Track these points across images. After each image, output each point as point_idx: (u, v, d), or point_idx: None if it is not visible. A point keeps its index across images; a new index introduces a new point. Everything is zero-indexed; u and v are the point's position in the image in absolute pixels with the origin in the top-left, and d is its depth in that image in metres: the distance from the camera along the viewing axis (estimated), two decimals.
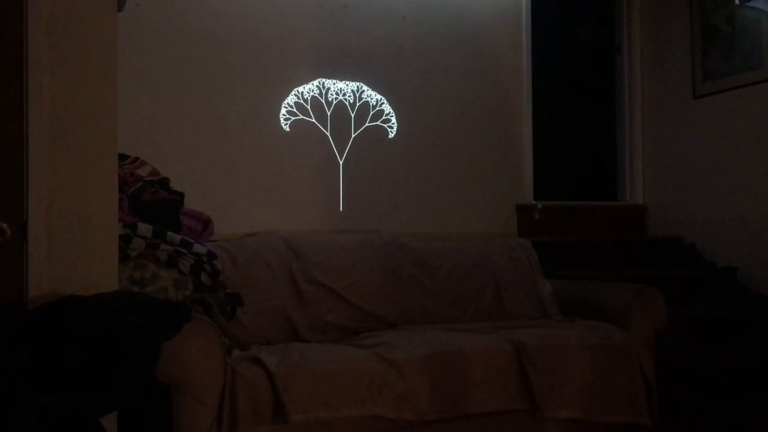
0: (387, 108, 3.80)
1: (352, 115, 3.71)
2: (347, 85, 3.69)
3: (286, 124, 3.59)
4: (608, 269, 3.80)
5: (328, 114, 3.67)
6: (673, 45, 4.37)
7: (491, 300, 3.39)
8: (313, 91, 3.64)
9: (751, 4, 3.90)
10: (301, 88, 3.61)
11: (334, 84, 3.67)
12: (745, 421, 3.06)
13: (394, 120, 3.82)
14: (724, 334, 3.64)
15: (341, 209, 3.68)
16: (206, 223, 2.79)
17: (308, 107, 3.63)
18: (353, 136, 3.71)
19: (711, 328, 3.62)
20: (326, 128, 3.67)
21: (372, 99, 3.75)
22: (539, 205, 4.14)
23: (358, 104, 3.72)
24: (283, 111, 3.58)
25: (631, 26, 4.60)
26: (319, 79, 3.64)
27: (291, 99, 3.60)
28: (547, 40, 4.41)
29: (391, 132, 3.82)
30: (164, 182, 2.63)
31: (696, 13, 4.20)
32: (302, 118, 3.62)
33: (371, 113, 3.76)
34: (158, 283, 2.30)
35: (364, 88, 3.73)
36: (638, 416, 2.79)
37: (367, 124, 3.75)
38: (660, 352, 3.00)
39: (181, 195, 2.67)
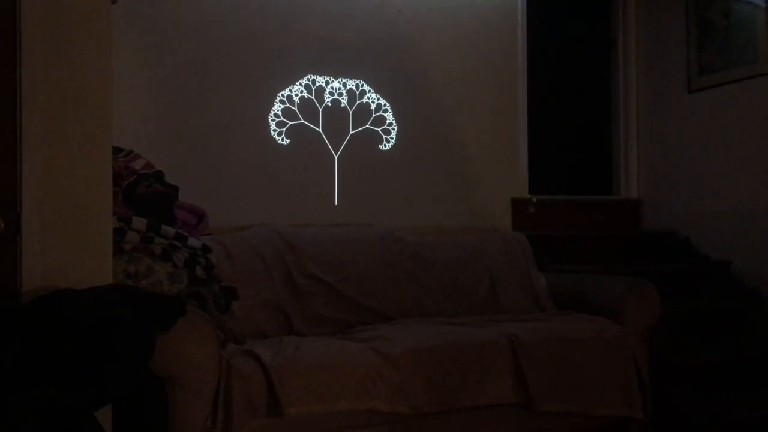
0: (382, 101, 3.79)
1: (350, 111, 3.70)
2: (343, 81, 3.68)
3: (281, 117, 3.58)
4: (603, 263, 3.81)
5: (321, 109, 3.66)
6: (668, 39, 4.37)
7: (486, 294, 3.40)
8: (309, 85, 3.63)
9: None
10: (296, 82, 3.61)
11: (329, 78, 3.66)
12: (738, 415, 3.07)
13: (389, 112, 3.81)
14: (717, 328, 3.66)
15: (336, 203, 3.68)
16: (201, 217, 2.79)
17: (304, 102, 3.62)
18: (349, 126, 3.71)
19: (705, 322, 3.64)
20: (322, 122, 3.66)
21: (366, 91, 3.74)
22: (534, 199, 4.15)
23: (349, 96, 3.71)
24: (278, 104, 3.57)
25: (627, 20, 4.60)
26: (315, 75, 3.63)
27: (285, 92, 3.59)
28: (543, 33, 4.40)
29: (386, 125, 3.82)
30: (159, 175, 2.62)
31: (691, 7, 4.20)
32: (297, 112, 3.61)
33: (365, 104, 3.75)
34: (153, 276, 2.30)
35: (358, 81, 3.72)
36: (631, 410, 2.80)
37: (360, 115, 3.74)
38: (653, 346, 3.02)
39: (176, 188, 2.66)
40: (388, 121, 3.82)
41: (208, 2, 3.44)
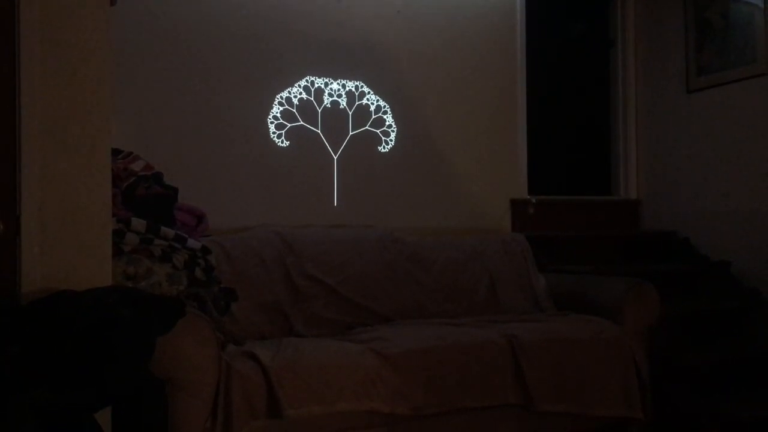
0: (381, 102, 3.79)
1: (350, 112, 3.70)
2: (342, 82, 3.69)
3: (280, 119, 3.58)
4: (602, 264, 3.80)
5: (320, 110, 3.66)
6: (667, 40, 4.38)
7: (485, 294, 3.40)
8: (308, 87, 3.63)
9: None
10: (295, 84, 3.61)
11: (328, 80, 3.67)
12: (738, 415, 3.07)
13: (389, 114, 3.81)
14: (717, 328, 3.66)
15: (336, 204, 3.68)
16: (200, 218, 2.78)
17: (303, 103, 3.62)
18: (349, 127, 3.71)
19: (704, 322, 3.64)
20: (321, 124, 3.66)
21: (366, 92, 3.74)
22: (533, 200, 4.15)
23: (348, 98, 3.72)
24: (276, 105, 3.57)
25: (626, 21, 4.61)
26: (314, 76, 3.64)
27: (284, 94, 3.59)
28: (542, 34, 4.40)
29: (386, 126, 3.82)
30: (158, 177, 2.62)
31: (690, 7, 4.21)
32: (296, 113, 3.61)
33: (364, 105, 3.75)
34: (152, 278, 2.29)
35: (358, 83, 3.72)
36: (631, 410, 2.80)
37: (360, 116, 3.74)
38: (653, 346, 3.02)
39: (175, 190, 2.65)
40: (387, 123, 3.82)
41: (208, 3, 3.44)
